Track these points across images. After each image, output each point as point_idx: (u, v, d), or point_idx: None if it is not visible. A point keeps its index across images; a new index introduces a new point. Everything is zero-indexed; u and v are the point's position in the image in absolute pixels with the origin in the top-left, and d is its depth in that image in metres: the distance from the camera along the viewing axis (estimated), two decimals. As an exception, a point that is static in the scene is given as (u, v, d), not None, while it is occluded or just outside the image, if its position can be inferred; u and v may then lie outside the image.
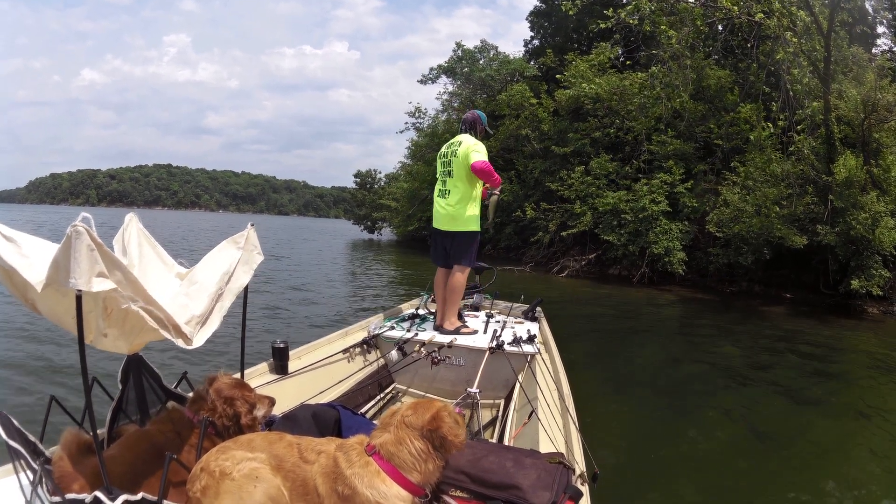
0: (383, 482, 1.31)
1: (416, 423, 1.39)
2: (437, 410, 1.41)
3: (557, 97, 17.21)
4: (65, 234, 1.07)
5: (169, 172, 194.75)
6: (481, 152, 3.41)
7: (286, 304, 8.18)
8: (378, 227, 36.47)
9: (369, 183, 36.86)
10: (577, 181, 15.50)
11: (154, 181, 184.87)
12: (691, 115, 14.34)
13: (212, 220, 63.19)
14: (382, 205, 32.28)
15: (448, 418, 1.40)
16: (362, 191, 36.94)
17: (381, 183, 36.14)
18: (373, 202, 34.73)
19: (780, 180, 11.68)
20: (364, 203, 36.41)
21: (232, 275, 1.63)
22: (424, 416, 1.40)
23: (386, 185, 34.99)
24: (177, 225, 36.19)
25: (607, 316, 9.12)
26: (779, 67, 12.23)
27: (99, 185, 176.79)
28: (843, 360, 6.89)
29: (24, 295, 1.27)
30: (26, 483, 1.31)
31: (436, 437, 1.38)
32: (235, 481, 1.27)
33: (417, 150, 26.84)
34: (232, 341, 3.00)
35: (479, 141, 3.54)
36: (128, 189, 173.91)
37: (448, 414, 1.42)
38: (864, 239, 10.25)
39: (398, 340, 3.26)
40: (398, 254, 22.91)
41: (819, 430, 4.06)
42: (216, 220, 72.90)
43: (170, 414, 1.58)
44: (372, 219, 35.90)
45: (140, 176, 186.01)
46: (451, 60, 23.63)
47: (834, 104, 11.26)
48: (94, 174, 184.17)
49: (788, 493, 2.98)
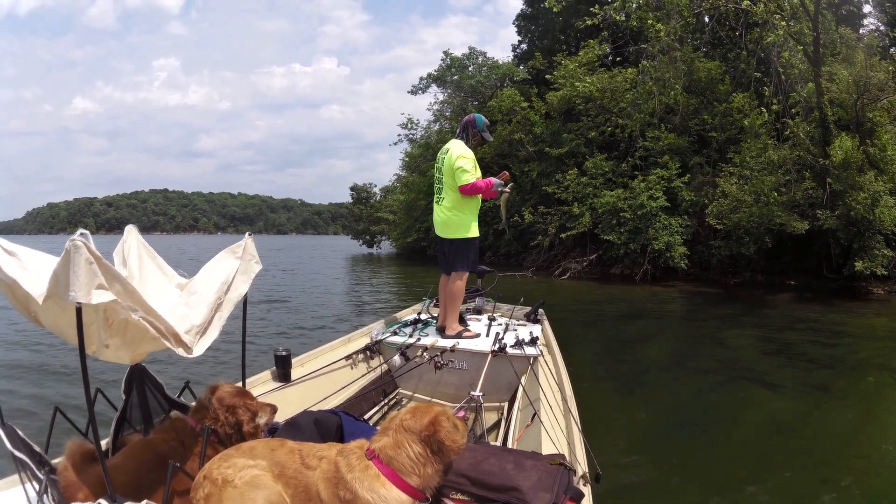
0: (383, 486, 1.31)
1: (414, 427, 1.39)
2: (436, 415, 1.41)
3: (548, 99, 17.27)
4: (63, 249, 1.09)
5: (165, 197, 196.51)
6: (468, 170, 3.37)
7: (286, 321, 8.21)
8: (377, 240, 36.36)
9: (365, 197, 36.81)
10: (572, 182, 15.51)
11: (151, 206, 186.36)
12: (684, 109, 14.37)
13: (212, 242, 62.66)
14: (380, 218, 32.26)
15: (446, 423, 1.40)
16: (359, 205, 36.84)
17: (378, 196, 36.15)
18: (370, 216, 34.68)
19: (776, 167, 11.69)
20: (362, 217, 36.30)
21: (231, 284, 1.65)
22: (423, 420, 1.40)
23: (382, 198, 35.03)
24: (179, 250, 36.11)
25: (611, 316, 9.09)
26: (769, 53, 12.26)
27: (96, 213, 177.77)
28: (854, 344, 6.81)
29: (27, 308, 1.29)
30: (32, 493, 1.33)
31: (433, 441, 1.38)
32: (238, 489, 1.28)
33: (412, 161, 26.96)
34: (232, 349, 3.02)
35: (468, 148, 3.51)
36: (125, 216, 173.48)
37: (447, 419, 1.41)
38: (865, 220, 10.26)
39: (401, 346, 3.26)
40: (398, 266, 22.81)
41: (831, 425, 3.96)
42: (216, 242, 71.89)
43: (173, 423, 1.60)
44: (370, 233, 35.78)
45: (137, 202, 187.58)
46: (440, 69, 23.79)
47: (826, 87, 11.30)
48: (90, 202, 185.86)
49: (799, 490, 2.91)
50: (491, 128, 3.67)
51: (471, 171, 3.40)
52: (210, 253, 1.74)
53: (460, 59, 23.46)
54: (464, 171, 3.39)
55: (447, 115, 25.35)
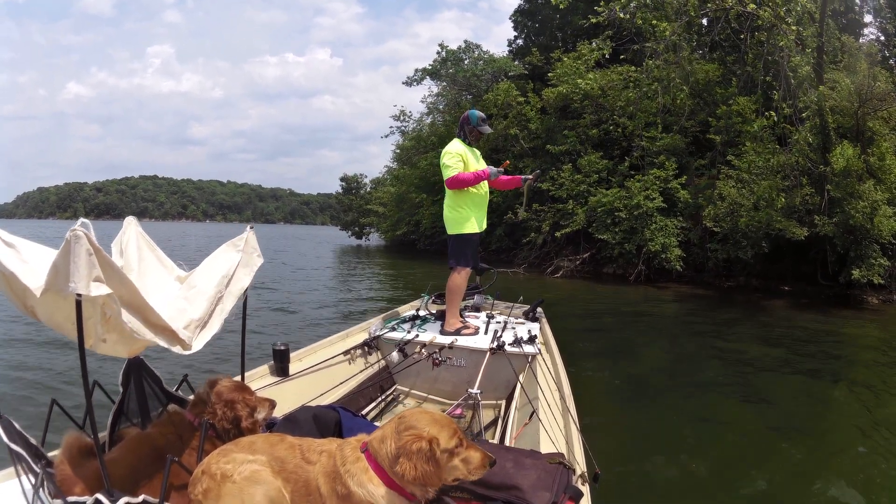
0: (370, 480, 1.29)
1: (398, 436, 1.33)
2: (413, 440, 1.29)
3: (545, 95, 17.08)
4: (64, 239, 1.07)
5: (155, 183, 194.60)
6: (449, 165, 3.45)
7: (281, 311, 8.18)
8: (366, 232, 36.26)
9: (355, 188, 36.72)
10: (567, 180, 15.39)
11: (140, 193, 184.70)
12: (679, 110, 14.33)
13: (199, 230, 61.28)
14: (370, 210, 32.07)
15: (409, 459, 1.28)
16: (349, 195, 36.77)
17: (368, 188, 36.02)
18: (360, 207, 34.59)
19: (775, 172, 11.72)
20: (351, 208, 36.23)
21: (232, 278, 1.63)
22: (402, 436, 1.31)
23: (373, 189, 34.91)
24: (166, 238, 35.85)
25: (606, 315, 9.11)
26: (779, 56, 12.22)
27: (86, 198, 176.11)
28: (849, 352, 6.87)
29: (24, 301, 1.27)
30: (28, 486, 1.31)
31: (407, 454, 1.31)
32: (236, 484, 1.27)
33: (403, 154, 26.73)
34: (232, 344, 3.01)
35: (459, 144, 3.55)
36: (114, 201, 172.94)
37: (414, 454, 1.28)
38: (863, 228, 10.30)
39: (399, 342, 3.26)
40: (387, 258, 22.64)
41: (827, 427, 4.00)
42: (204, 230, 70.50)
43: (171, 417, 1.58)
44: (359, 224, 35.68)
45: (126, 188, 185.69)
46: (435, 63, 23.54)
47: (827, 94, 11.34)
48: (80, 187, 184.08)
49: (798, 489, 2.95)
50: (487, 120, 3.69)
51: (452, 166, 3.44)
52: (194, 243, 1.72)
53: (456, 52, 23.25)
54: (445, 166, 3.48)
55: (440, 108, 25.16)
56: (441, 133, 22.95)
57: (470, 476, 1.36)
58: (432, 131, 24.73)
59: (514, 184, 3.71)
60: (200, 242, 30.86)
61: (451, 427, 1.36)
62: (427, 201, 21.81)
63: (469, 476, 1.36)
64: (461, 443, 1.35)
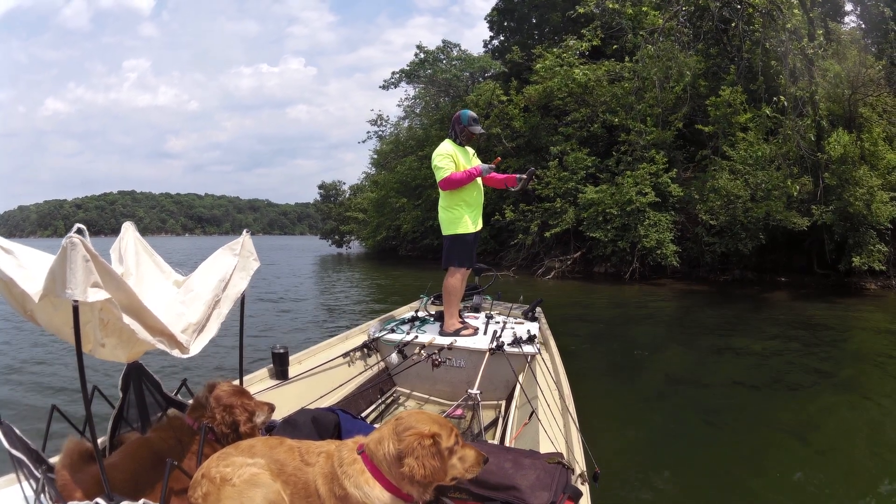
0: (367, 482, 1.29)
1: (398, 437, 1.33)
2: (417, 439, 1.30)
3: (527, 93, 16.81)
4: (60, 246, 1.08)
5: (133, 199, 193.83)
6: (441, 166, 3.45)
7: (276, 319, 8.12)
8: (346, 240, 35.54)
9: (334, 195, 36.22)
10: (553, 178, 15.08)
11: (119, 208, 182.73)
12: (669, 102, 14.13)
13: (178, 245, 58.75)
14: (350, 217, 31.62)
15: (416, 457, 1.28)
16: (328, 203, 36.14)
17: (347, 195, 35.56)
18: (339, 214, 34.04)
19: (769, 161, 11.69)
20: (330, 216, 35.63)
21: (228, 282, 1.64)
22: (403, 436, 1.31)
23: (352, 196, 34.45)
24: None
25: (605, 315, 9.07)
26: (780, 44, 12.09)
27: (66, 216, 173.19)
28: (855, 340, 6.81)
29: (23, 306, 1.28)
30: (29, 492, 1.32)
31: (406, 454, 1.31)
32: (236, 487, 1.27)
33: (381, 158, 26.45)
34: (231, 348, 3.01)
35: (450, 145, 3.56)
36: (94, 218, 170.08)
37: (420, 452, 1.28)
38: (860, 215, 10.32)
39: (398, 343, 3.26)
40: (369, 265, 21.98)
41: (832, 424, 3.94)
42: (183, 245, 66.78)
43: (170, 421, 1.59)
44: (339, 232, 34.95)
45: (105, 204, 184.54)
46: (412, 65, 23.26)
47: (820, 82, 11.38)
48: (60, 204, 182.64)
49: (798, 488, 2.91)
50: (478, 120, 3.69)
51: (444, 167, 3.45)
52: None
53: (434, 53, 22.99)
54: (437, 168, 3.48)
55: (417, 111, 24.97)
56: (419, 136, 22.80)
57: (466, 474, 1.38)
58: (410, 135, 24.57)
59: (509, 182, 3.70)
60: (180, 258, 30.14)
61: (448, 426, 1.38)
62: (408, 205, 21.59)
63: (465, 474, 1.38)
64: (458, 441, 1.37)
